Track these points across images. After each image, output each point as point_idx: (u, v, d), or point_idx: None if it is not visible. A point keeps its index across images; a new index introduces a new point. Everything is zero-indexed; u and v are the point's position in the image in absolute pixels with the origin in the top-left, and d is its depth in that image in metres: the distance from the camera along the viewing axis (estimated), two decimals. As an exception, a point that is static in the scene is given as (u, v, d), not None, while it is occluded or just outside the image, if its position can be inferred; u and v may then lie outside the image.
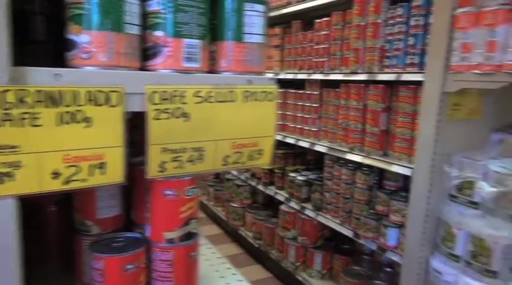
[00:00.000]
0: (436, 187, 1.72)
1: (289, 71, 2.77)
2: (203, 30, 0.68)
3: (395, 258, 1.96)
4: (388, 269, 2.32)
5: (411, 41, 1.83)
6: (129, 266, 0.72)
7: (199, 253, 0.82)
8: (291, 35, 2.77)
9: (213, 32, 0.72)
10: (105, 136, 0.62)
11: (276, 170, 3.02)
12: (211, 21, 0.71)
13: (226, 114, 0.69)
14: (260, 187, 3.19)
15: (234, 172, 3.59)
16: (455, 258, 1.66)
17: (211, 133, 0.69)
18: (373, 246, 2.10)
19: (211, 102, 0.67)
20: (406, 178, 1.97)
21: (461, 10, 1.54)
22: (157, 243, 0.77)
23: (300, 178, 2.72)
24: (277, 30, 2.89)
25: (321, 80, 2.50)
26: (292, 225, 2.78)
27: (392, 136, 2.00)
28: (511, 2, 1.39)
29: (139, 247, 0.75)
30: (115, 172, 0.64)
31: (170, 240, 0.76)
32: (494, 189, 1.52)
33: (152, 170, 0.68)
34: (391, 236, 1.99)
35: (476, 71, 1.48)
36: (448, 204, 1.72)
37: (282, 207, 2.88)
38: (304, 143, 2.61)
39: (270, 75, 0.74)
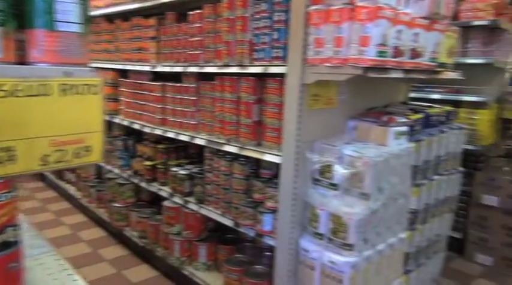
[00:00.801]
0: (301, 172, 1.84)
1: (166, 64, 2.71)
2: (1, 15, 0.61)
3: (271, 242, 2.06)
4: (269, 253, 2.44)
5: (275, 35, 1.92)
6: None
7: (23, 263, 0.74)
8: (166, 27, 2.70)
9: (21, 19, 0.65)
10: None
11: (158, 166, 2.94)
12: (17, 6, 0.63)
13: (40, 109, 0.63)
14: (143, 184, 3.08)
15: (116, 170, 3.40)
16: (320, 236, 1.81)
17: (22, 131, 0.62)
18: (252, 233, 2.18)
19: (19, 97, 0.61)
20: (278, 166, 2.07)
21: (313, 7, 1.66)
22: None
23: (182, 172, 2.68)
24: (151, 21, 2.79)
25: (198, 73, 2.49)
26: (176, 220, 2.75)
27: (264, 126, 2.08)
28: (352, 2, 1.54)
29: None
30: None
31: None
32: (347, 171, 1.69)
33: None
34: (266, 222, 2.08)
35: (327, 64, 1.62)
36: (312, 187, 1.87)
37: (165, 203, 2.82)
38: (184, 137, 2.58)
39: (93, 66, 0.70)
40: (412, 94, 3.55)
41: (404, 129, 1.89)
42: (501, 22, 3.10)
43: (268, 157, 2.00)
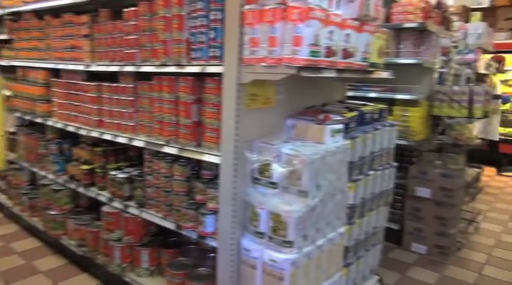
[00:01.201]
0: (240, 172, 1.84)
1: (101, 63, 2.59)
2: None
3: (213, 243, 2.04)
4: (213, 255, 2.41)
5: (212, 34, 1.90)
6: None
7: None
8: (100, 24, 2.58)
9: None
10: None
11: (96, 170, 2.81)
12: None
13: None
14: (81, 190, 2.93)
15: (51, 176, 3.21)
16: (260, 235, 1.82)
17: None
18: (194, 236, 2.14)
19: None
20: (218, 166, 2.06)
21: (248, 7, 1.66)
22: None
23: (121, 175, 2.58)
24: (84, 18, 2.66)
25: (135, 72, 2.40)
26: (116, 226, 2.64)
27: (204, 126, 2.05)
28: (284, 2, 1.55)
29: None
30: None
31: None
32: (284, 169, 1.71)
33: None
34: (208, 223, 2.06)
35: (263, 64, 1.63)
36: (252, 186, 1.87)
37: (104, 208, 2.70)
38: (122, 139, 2.49)
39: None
40: (351, 93, 3.70)
41: (339, 126, 1.95)
42: (429, 25, 3.30)
43: (207, 158, 1.97)
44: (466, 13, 6.08)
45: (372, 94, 3.63)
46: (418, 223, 3.44)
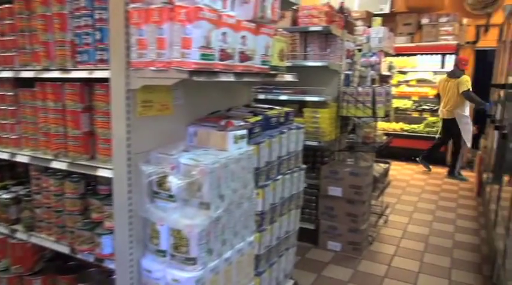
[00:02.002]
0: (136, 186, 1.68)
1: (-26, 68, 2.24)
2: None
3: (112, 266, 1.85)
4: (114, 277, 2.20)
5: (98, 35, 1.71)
6: None
7: None
8: (-30, 23, 2.23)
9: None
10: None
11: (-24, 191, 2.43)
12: None
13: None
14: (-42, 215, 2.51)
15: None
16: (162, 253, 1.68)
17: None
18: (91, 259, 1.93)
19: None
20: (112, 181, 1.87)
21: (133, 6, 1.51)
22: None
23: (5, 196, 2.26)
24: (-50, 16, 2.28)
25: (14, 78, 2.11)
26: (2, 254, 2.30)
27: (96, 137, 1.85)
28: (171, 1, 1.43)
29: None
30: None
31: None
32: (182, 181, 1.59)
33: None
34: (106, 244, 1.86)
35: (152, 68, 1.49)
36: (151, 201, 1.72)
37: (-14, 235, 2.34)
38: (3, 155, 2.17)
39: None
40: (262, 96, 3.69)
41: (243, 132, 1.87)
42: (332, 28, 3.40)
43: (101, 172, 1.78)
44: (369, 18, 6.48)
45: (283, 97, 3.65)
46: (332, 222, 3.53)
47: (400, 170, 6.72)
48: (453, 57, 7.15)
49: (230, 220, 1.79)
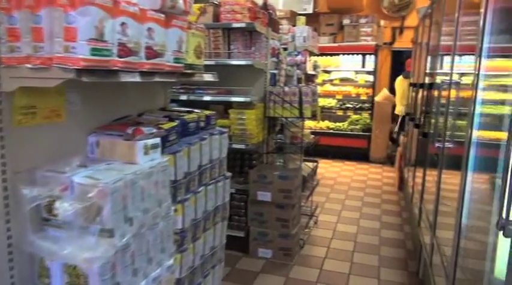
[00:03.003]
0: (17, 214, 1.34)
1: None
2: None
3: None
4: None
5: (-41, 24, 1.34)
6: None
7: None
8: None
9: None
10: None
11: None
12: None
13: None
14: None
15: None
16: (54, 295, 1.36)
17: None
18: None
19: None
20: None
21: (-2, -15, 1.18)
22: None
23: None
24: None
25: None
26: None
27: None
28: (49, -19, 1.13)
29: None
30: None
31: None
32: (75, 205, 1.29)
33: None
34: (-17, 286, 1.48)
35: (28, 65, 1.18)
36: (39, 231, 1.39)
37: None
38: None
39: None
40: (184, 97, 3.42)
41: (155, 141, 1.61)
42: (256, 25, 3.24)
43: (-28, 197, 1.40)
44: (293, 17, 6.47)
45: (207, 98, 3.41)
46: (262, 228, 3.38)
47: (327, 168, 6.83)
48: (373, 57, 7.45)
49: (142, 245, 1.52)
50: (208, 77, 1.99)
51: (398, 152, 5.98)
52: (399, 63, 7.98)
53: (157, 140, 1.63)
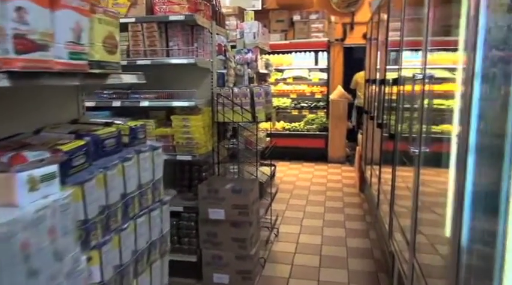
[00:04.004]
0: None
1: None
2: None
3: None
4: None
5: None
6: None
7: None
8: None
9: None
10: None
11: None
12: None
13: None
14: None
15: None
16: None
17: None
18: None
19: None
20: None
21: None
22: None
23: None
24: None
25: None
26: None
27: None
28: None
29: None
30: None
31: None
32: None
33: None
34: None
35: None
36: None
37: None
38: None
39: None
40: (117, 103, 2.93)
41: (48, 170, 1.14)
42: (197, 18, 2.81)
43: None
44: (241, 14, 6.09)
45: (145, 103, 2.93)
46: (216, 250, 2.94)
47: (285, 172, 6.51)
48: (325, 54, 7.23)
49: (32, 322, 1.05)
50: (130, 78, 1.54)
51: (357, 151, 5.77)
52: (351, 59, 7.85)
53: (53, 168, 1.16)
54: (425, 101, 1.87)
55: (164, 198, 1.82)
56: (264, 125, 6.53)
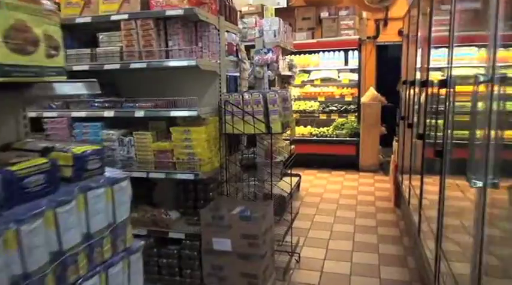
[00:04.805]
0: None
1: None
2: None
3: None
4: None
5: None
6: None
7: None
8: None
9: None
10: None
11: None
12: None
13: None
14: None
15: None
16: None
17: None
18: None
19: None
20: None
21: None
22: None
23: None
24: None
25: None
26: None
27: None
28: None
29: None
30: None
31: None
32: None
33: None
34: None
35: None
36: None
37: None
38: None
39: None
40: (109, 114, 2.55)
41: None
42: (200, 12, 2.37)
43: None
44: (262, 10, 5.63)
45: (140, 113, 2.53)
46: (222, 286, 2.49)
47: (312, 182, 5.98)
48: (356, 53, 6.65)
49: None
50: (73, 89, 1.11)
51: (392, 161, 5.16)
52: (385, 58, 7.22)
53: None
54: (494, 104, 1.36)
55: (134, 245, 1.38)
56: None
